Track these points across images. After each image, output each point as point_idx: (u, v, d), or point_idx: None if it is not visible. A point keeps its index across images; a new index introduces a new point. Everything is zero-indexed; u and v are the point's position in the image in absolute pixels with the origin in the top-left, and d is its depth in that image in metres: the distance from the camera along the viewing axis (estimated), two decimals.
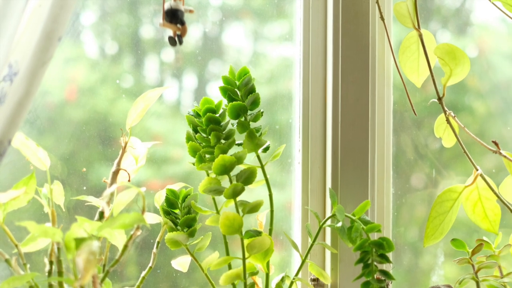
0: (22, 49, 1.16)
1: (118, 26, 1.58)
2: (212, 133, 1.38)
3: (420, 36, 1.51)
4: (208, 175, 1.41)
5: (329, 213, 1.51)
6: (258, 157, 1.41)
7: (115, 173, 1.37)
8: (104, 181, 1.38)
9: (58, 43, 1.14)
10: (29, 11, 1.17)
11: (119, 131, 1.42)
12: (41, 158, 1.34)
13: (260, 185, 1.41)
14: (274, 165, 1.57)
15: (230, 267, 1.40)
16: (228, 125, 1.40)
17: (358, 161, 1.52)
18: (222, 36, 1.63)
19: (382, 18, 1.53)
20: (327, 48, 1.55)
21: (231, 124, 1.41)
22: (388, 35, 1.54)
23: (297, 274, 1.43)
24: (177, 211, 1.41)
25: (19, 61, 1.15)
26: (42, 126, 1.50)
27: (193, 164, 1.41)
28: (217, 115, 1.40)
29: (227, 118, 1.41)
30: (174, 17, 1.30)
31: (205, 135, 1.40)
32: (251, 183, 1.37)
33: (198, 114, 1.41)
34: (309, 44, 1.56)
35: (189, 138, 1.41)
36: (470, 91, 1.72)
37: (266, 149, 1.41)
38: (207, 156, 1.39)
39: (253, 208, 1.36)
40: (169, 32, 1.30)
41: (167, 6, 1.29)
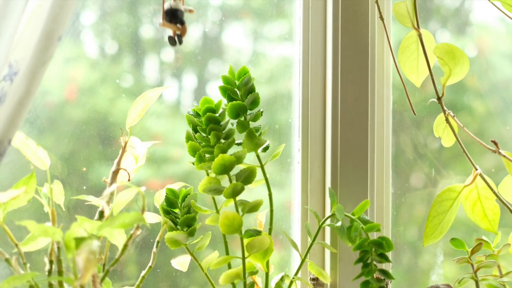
0: (22, 49, 1.16)
1: (118, 26, 1.58)
2: (212, 132, 1.38)
3: (420, 36, 1.51)
4: (207, 174, 1.41)
5: (328, 213, 1.51)
6: (258, 156, 1.41)
7: (115, 172, 1.37)
8: (104, 180, 1.38)
9: (58, 43, 1.14)
10: (29, 11, 1.17)
11: (119, 131, 1.42)
12: (41, 158, 1.34)
13: (260, 185, 1.41)
14: (273, 164, 1.57)
15: (229, 267, 1.40)
16: (228, 124, 1.41)
17: (358, 161, 1.52)
18: (222, 36, 1.63)
19: (382, 18, 1.53)
20: (326, 48, 1.55)
21: (230, 123, 1.41)
22: (388, 35, 1.54)
23: (296, 274, 1.43)
24: (177, 210, 1.41)
25: (19, 60, 1.15)
26: (42, 126, 1.50)
27: (193, 164, 1.41)
28: (217, 114, 1.40)
29: (227, 118, 1.41)
30: (174, 17, 1.30)
31: (204, 134, 1.40)
32: (250, 182, 1.37)
33: (197, 113, 1.41)
34: (308, 44, 1.56)
35: (188, 138, 1.41)
36: (470, 91, 1.72)
37: (265, 149, 1.41)
38: (207, 155, 1.39)
39: (253, 207, 1.36)
40: (169, 31, 1.31)
41: (167, 6, 1.30)
